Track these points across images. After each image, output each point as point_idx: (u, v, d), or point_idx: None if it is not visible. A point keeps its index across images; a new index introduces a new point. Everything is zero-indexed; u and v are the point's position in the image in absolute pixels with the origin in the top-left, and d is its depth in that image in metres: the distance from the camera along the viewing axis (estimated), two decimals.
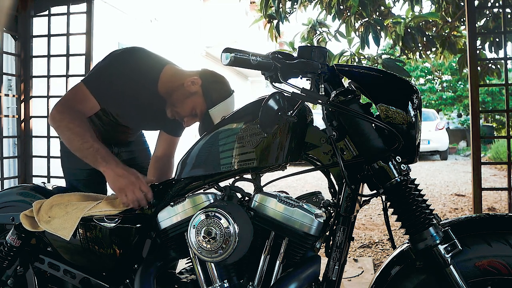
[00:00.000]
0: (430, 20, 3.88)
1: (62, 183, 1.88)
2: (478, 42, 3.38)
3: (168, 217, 1.27)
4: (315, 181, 6.92)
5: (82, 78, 1.63)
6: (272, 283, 1.13)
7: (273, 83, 1.08)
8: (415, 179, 1.09)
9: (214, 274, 1.18)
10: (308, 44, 3.42)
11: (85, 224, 1.35)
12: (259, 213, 1.15)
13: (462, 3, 3.50)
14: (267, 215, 1.14)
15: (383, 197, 1.11)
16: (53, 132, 3.00)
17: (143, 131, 1.98)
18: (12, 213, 1.48)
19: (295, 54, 1.11)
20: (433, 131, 11.03)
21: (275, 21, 3.67)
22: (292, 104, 1.14)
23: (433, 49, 4.02)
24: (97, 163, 1.39)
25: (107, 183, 1.43)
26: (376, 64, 3.25)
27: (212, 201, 1.22)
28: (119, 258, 1.37)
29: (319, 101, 1.06)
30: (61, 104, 1.49)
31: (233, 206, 1.12)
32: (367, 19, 3.31)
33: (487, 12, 3.66)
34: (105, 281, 1.38)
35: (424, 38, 3.68)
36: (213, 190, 1.31)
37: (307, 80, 1.11)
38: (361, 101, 1.13)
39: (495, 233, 1.03)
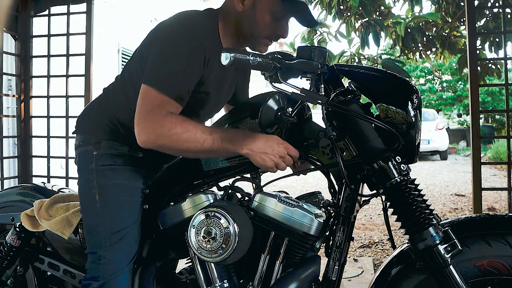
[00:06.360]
0: (430, 20, 3.88)
1: (62, 183, 1.88)
2: (478, 42, 3.38)
3: (168, 217, 1.27)
4: (315, 181, 6.91)
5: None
6: (272, 283, 1.13)
7: (273, 83, 1.08)
8: (415, 179, 1.09)
9: (214, 274, 1.18)
10: (308, 45, 3.42)
11: None
12: (259, 213, 1.15)
13: (462, 3, 3.50)
14: (267, 215, 1.14)
15: (383, 197, 1.11)
16: (53, 132, 3.00)
17: None
18: (12, 213, 1.48)
19: (295, 55, 1.11)
20: (433, 131, 11.01)
21: None
22: (291, 104, 1.14)
23: (433, 49, 4.02)
24: (231, 150, 1.14)
25: None
26: (376, 65, 3.25)
27: (212, 201, 1.22)
28: None
29: (318, 101, 1.06)
30: (142, 121, 1.14)
31: (233, 206, 1.12)
32: (367, 19, 3.31)
33: (487, 12, 3.66)
34: None
35: (424, 38, 3.69)
36: (213, 190, 1.31)
37: (307, 80, 1.11)
38: (361, 101, 1.13)
39: (495, 233, 1.03)
